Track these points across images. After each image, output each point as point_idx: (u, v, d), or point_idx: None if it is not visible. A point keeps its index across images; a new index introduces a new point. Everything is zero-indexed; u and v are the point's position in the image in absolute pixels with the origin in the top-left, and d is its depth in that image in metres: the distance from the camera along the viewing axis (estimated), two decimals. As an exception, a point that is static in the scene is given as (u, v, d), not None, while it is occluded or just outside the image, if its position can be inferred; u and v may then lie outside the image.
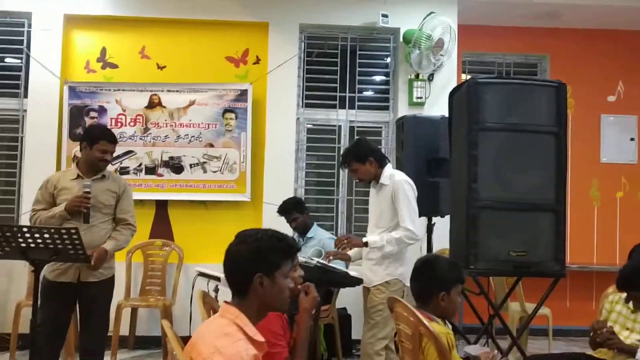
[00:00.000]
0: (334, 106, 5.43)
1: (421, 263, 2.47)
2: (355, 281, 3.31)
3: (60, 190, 3.37)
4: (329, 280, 3.35)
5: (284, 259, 1.79)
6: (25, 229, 3.00)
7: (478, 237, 3.43)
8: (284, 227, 4.83)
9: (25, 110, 5.17)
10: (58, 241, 3.00)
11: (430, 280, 2.36)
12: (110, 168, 4.93)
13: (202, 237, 5.15)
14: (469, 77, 5.70)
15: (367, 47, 5.54)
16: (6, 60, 5.35)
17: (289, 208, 4.49)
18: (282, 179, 5.20)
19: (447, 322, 4.27)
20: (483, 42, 5.88)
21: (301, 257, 2.84)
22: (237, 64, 5.34)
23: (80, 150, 3.48)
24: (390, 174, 3.55)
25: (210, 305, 2.50)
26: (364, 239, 3.46)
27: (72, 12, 5.17)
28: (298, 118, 5.35)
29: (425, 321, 2.16)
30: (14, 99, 5.24)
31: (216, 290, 4.00)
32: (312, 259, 3.30)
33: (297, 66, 5.33)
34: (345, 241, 3.48)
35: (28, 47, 5.17)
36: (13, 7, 5.16)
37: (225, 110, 5.19)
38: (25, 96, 5.17)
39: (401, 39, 5.30)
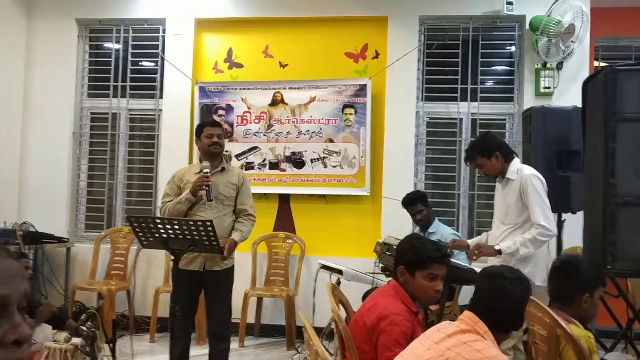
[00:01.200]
0: (454, 99, 5.31)
1: (562, 262, 2.37)
2: (480, 278, 3.22)
3: (185, 184, 3.62)
4: (453, 277, 3.29)
5: None
6: (166, 221, 3.24)
7: (616, 235, 3.19)
8: (402, 221, 4.82)
9: (160, 110, 5.56)
10: (195, 232, 3.21)
11: (574, 281, 2.26)
12: (236, 163, 5.26)
13: (322, 230, 5.27)
14: (602, 64, 5.32)
15: (489, 37, 5.35)
16: (144, 64, 5.78)
17: (414, 200, 4.44)
18: (402, 173, 5.17)
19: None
20: (618, 26, 5.45)
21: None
22: (356, 60, 5.38)
23: (196, 145, 3.76)
24: (518, 168, 3.41)
25: (339, 298, 2.55)
26: (496, 247, 3.34)
27: (202, 16, 5.47)
28: (418, 112, 5.29)
29: (563, 323, 2.06)
30: (150, 99, 5.65)
31: (338, 283, 4.08)
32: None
33: (417, 59, 5.26)
34: (477, 252, 3.38)
35: (163, 50, 5.55)
36: (149, 14, 5.55)
37: (345, 106, 5.25)
38: (161, 97, 5.56)
39: (527, 27, 5.06)
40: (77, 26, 5.65)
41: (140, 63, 5.78)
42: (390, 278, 3.56)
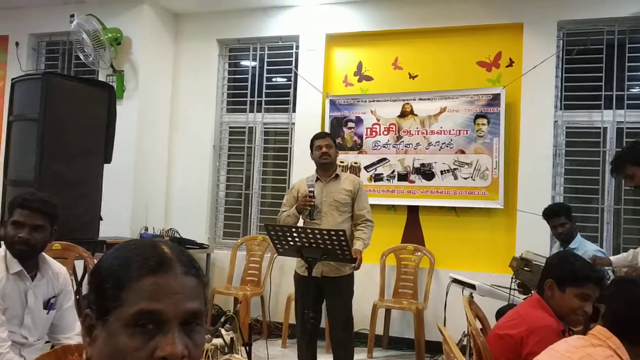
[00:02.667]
0: (598, 107, 4.97)
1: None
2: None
3: (301, 194, 3.77)
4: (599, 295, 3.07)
5: None
6: (300, 229, 3.36)
7: None
8: (539, 236, 4.59)
9: (293, 123, 5.78)
10: (328, 242, 3.30)
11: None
12: (365, 175, 5.32)
13: (452, 243, 5.15)
14: None
15: (637, 40, 4.96)
16: (278, 79, 6.05)
17: (558, 212, 4.17)
18: (538, 185, 4.92)
19: None
20: None
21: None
22: (489, 68, 5.23)
23: (311, 157, 3.90)
24: None
25: (476, 312, 2.48)
26: None
27: (333, 32, 5.62)
28: (556, 121, 5.02)
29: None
30: (284, 113, 5.90)
31: (471, 297, 3.96)
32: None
33: (555, 66, 5.00)
34: (633, 275, 3.14)
35: (296, 66, 5.77)
36: (284, 32, 5.81)
37: (477, 116, 5.12)
38: (294, 111, 5.78)
39: (683, 26, 4.63)
40: (218, 46, 6.04)
41: (274, 79, 6.05)
42: (527, 295, 3.41)
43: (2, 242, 2.49)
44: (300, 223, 3.81)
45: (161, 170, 5.97)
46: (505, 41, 5.18)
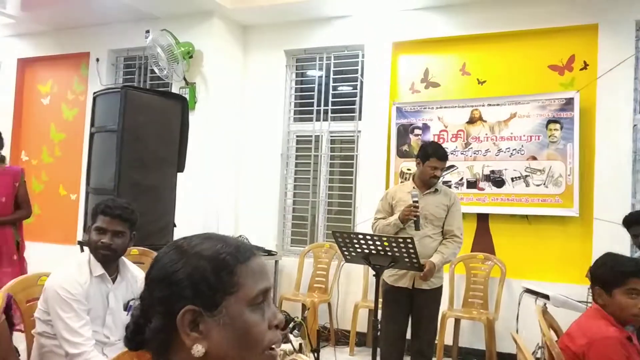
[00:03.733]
0: (681, 109, 4.71)
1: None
2: None
3: (397, 202, 3.71)
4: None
5: None
6: (368, 237, 3.36)
7: None
8: (618, 245, 4.37)
9: (359, 131, 5.79)
10: (395, 249, 3.29)
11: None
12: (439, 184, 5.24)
13: (525, 252, 5.01)
14: None
15: None
16: (343, 88, 6.09)
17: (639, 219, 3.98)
18: (617, 193, 4.71)
19: None
20: None
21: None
22: (561, 72, 5.07)
23: (416, 166, 3.78)
24: None
25: (550, 322, 2.40)
26: None
27: (399, 40, 5.61)
28: (635, 125, 4.80)
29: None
30: (350, 121, 5.92)
31: (544, 308, 3.83)
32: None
33: (634, 67, 4.79)
34: None
35: (362, 74, 5.79)
36: (349, 42, 5.85)
37: (549, 121, 4.96)
38: (360, 119, 5.80)
39: None
40: (285, 57, 6.15)
41: (340, 87, 6.10)
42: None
43: (86, 247, 2.64)
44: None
45: (231, 178, 6.12)
46: (578, 43, 5.00)
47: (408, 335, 3.80)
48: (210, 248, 1.02)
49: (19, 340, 2.52)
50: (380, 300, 3.66)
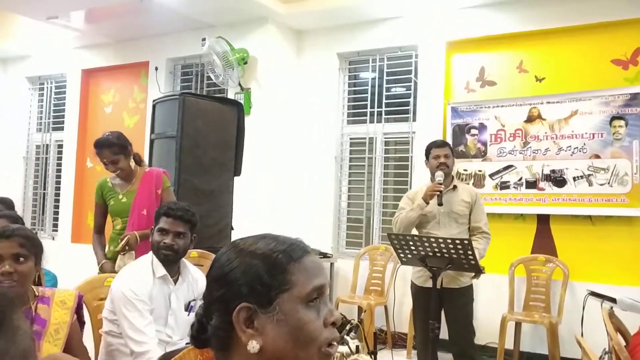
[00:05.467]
0: None
1: None
2: None
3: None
4: None
5: None
6: (424, 238, 3.33)
7: None
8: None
9: (414, 132, 5.75)
10: (453, 251, 3.24)
11: None
12: (490, 183, 5.16)
13: (589, 254, 4.83)
14: None
15: None
16: (397, 89, 6.06)
17: None
18: (687, 191, 4.49)
19: None
20: None
21: None
22: (625, 66, 4.87)
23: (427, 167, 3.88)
24: None
25: (617, 326, 2.31)
26: None
27: (453, 39, 5.53)
28: None
29: None
30: (404, 123, 5.88)
31: (611, 311, 3.68)
32: None
33: None
34: None
35: (416, 75, 5.74)
36: (403, 42, 5.81)
37: (613, 118, 4.78)
38: (414, 120, 5.75)
39: None
40: (338, 60, 6.17)
41: (394, 89, 6.06)
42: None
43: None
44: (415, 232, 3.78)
45: (286, 181, 6.18)
46: (643, 36, 4.80)
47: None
48: (264, 247, 1.04)
49: (87, 338, 2.63)
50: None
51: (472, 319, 3.76)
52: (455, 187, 3.78)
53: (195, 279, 2.77)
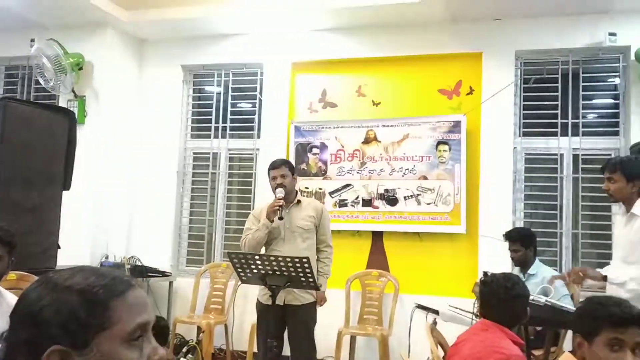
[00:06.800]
0: (554, 134, 5.12)
1: None
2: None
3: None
4: (558, 322, 3.14)
5: None
6: (264, 257, 3.33)
7: None
8: (500, 259, 4.65)
9: (258, 149, 5.78)
10: (292, 269, 3.28)
11: None
12: (330, 200, 5.34)
13: (417, 268, 5.19)
14: None
15: (591, 69, 5.16)
16: (242, 105, 6.06)
17: (513, 237, 4.26)
18: (499, 210, 5.02)
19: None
20: None
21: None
22: (450, 96, 5.35)
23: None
24: None
25: (438, 339, 2.49)
26: (603, 272, 3.16)
27: (298, 60, 5.68)
28: (515, 147, 5.15)
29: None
30: (249, 139, 5.89)
31: (434, 323, 3.97)
32: (540, 297, 3.14)
33: (513, 94, 5.15)
34: (580, 273, 3.20)
35: (260, 92, 5.80)
36: (248, 59, 5.83)
37: (439, 142, 5.21)
38: (258, 136, 5.79)
39: (632, 58, 4.83)
40: (182, 72, 6.03)
41: (239, 105, 6.06)
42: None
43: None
44: (263, 251, 3.80)
45: (123, 196, 5.87)
46: (465, 70, 5.31)
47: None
48: (81, 281, 0.95)
49: None
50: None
51: (313, 335, 3.83)
52: (299, 201, 3.85)
53: (11, 306, 2.48)
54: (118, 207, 5.80)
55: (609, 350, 1.64)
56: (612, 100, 5.19)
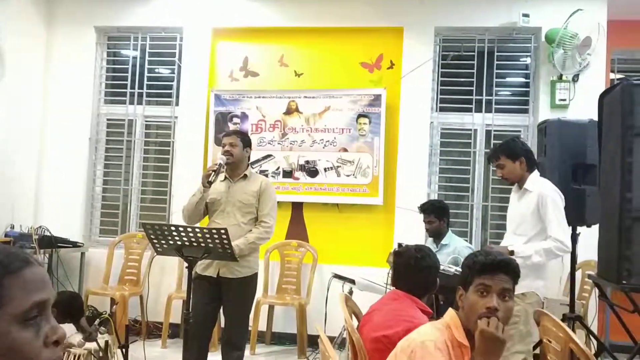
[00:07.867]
0: (469, 110, 5.31)
1: None
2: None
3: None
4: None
5: None
6: (181, 228, 3.26)
7: (632, 250, 3.18)
8: (415, 231, 4.81)
9: (176, 117, 5.61)
10: (209, 240, 3.23)
11: None
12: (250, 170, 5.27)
13: (335, 239, 5.28)
14: (619, 76, 5.30)
15: (505, 49, 5.35)
16: (160, 71, 5.84)
17: (428, 209, 4.40)
18: (415, 183, 5.17)
19: (591, 337, 4.02)
20: (635, 38, 5.43)
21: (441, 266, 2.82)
22: (371, 70, 5.40)
23: None
24: (537, 181, 3.41)
25: (352, 309, 2.55)
26: (510, 247, 3.34)
27: (219, 26, 5.52)
28: (432, 122, 5.30)
29: (576, 338, 2.05)
30: (166, 106, 5.71)
31: (350, 292, 4.08)
32: (450, 267, 3.27)
33: (432, 70, 5.28)
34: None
35: (179, 58, 5.61)
36: (167, 23, 5.62)
37: (359, 115, 5.27)
38: (177, 104, 5.62)
39: (543, 39, 5.06)
40: (96, 34, 5.73)
41: (156, 70, 5.84)
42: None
43: None
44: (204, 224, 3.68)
45: (31, 164, 5.56)
46: (386, 44, 5.37)
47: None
48: None
49: None
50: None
51: (248, 310, 3.74)
52: (245, 176, 3.73)
53: None
54: (25, 174, 5.49)
55: (478, 295, 1.79)
56: (523, 79, 5.43)
